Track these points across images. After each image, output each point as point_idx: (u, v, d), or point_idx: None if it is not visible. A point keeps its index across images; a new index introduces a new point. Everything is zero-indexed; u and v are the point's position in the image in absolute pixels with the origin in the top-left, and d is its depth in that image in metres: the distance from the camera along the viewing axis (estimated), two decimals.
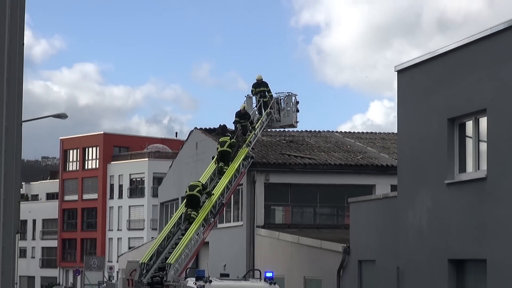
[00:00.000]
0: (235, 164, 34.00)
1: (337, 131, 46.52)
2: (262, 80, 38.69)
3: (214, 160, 34.59)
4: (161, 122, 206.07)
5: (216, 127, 41.19)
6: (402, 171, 24.30)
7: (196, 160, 42.67)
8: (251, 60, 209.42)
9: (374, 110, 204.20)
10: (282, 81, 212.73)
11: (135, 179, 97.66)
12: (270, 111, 38.26)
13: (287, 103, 39.08)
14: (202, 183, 32.47)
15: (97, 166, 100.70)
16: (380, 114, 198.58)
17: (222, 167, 33.72)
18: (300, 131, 44.10)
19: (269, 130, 40.99)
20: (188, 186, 32.15)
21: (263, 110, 38.26)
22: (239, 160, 34.25)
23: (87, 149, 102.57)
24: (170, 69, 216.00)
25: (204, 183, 32.80)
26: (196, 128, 44.15)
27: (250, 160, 35.23)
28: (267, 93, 38.55)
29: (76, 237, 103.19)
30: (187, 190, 31.98)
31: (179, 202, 41.13)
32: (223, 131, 38.11)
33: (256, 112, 38.36)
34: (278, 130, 42.33)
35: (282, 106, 38.98)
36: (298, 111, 39.22)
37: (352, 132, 47.74)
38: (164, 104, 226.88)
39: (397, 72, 24.33)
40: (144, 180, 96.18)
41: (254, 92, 38.67)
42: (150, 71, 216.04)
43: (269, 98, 38.41)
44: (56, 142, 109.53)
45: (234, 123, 36.45)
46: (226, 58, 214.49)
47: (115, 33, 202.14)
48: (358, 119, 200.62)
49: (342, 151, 40.73)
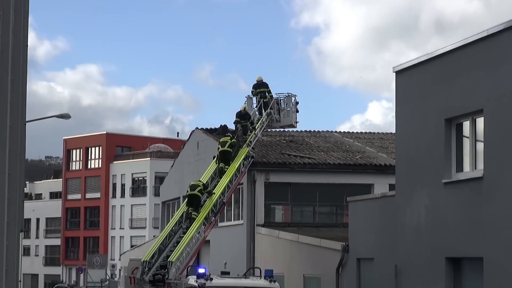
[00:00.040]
0: (236, 163, 33.96)
1: (336, 131, 46.49)
2: (262, 81, 38.64)
3: (215, 160, 34.57)
4: (163, 122, 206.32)
5: (217, 127, 41.15)
6: (400, 170, 24.30)
7: (197, 159, 42.65)
8: (252, 61, 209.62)
9: (373, 110, 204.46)
10: (282, 81, 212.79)
11: (137, 179, 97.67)
12: (270, 111, 38.22)
13: (287, 104, 39.03)
14: (203, 182, 32.43)
15: (99, 166, 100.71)
16: (379, 115, 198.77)
17: (223, 168, 33.69)
18: (299, 131, 44.07)
19: (269, 130, 40.95)
20: (189, 186, 32.12)
21: (263, 111, 38.21)
22: (240, 159, 34.22)
23: (90, 148, 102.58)
24: (172, 70, 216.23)
25: (205, 182, 32.77)
26: (197, 128, 44.14)
27: (250, 159, 35.20)
28: (267, 93, 38.49)
29: (79, 235, 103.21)
30: (188, 190, 31.95)
31: (181, 201, 41.10)
32: (224, 131, 38.07)
33: (257, 113, 38.31)
34: (278, 130, 42.29)
35: (282, 107, 38.93)
36: (297, 111, 39.20)
37: (351, 132, 47.71)
38: (166, 104, 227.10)
39: (395, 73, 24.32)
40: (146, 179, 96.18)
41: (255, 92, 38.62)
42: (152, 72, 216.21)
43: (269, 99, 38.34)
44: (59, 142, 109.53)
45: (235, 123, 36.40)
46: (227, 59, 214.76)
47: (117, 35, 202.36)
48: (356, 119, 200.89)
49: (341, 151, 40.71)
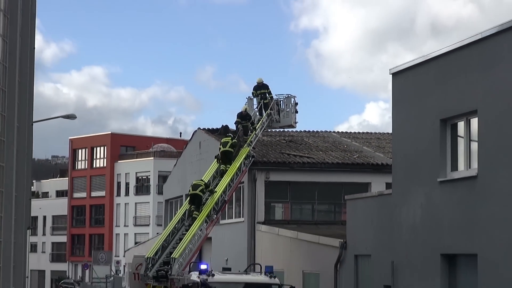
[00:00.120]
0: (237, 163, 33.94)
1: (334, 131, 46.48)
2: (262, 83, 38.62)
3: (217, 160, 34.54)
4: (166, 123, 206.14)
5: (219, 128, 41.12)
6: (397, 169, 24.29)
7: (199, 159, 42.64)
8: (252, 63, 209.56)
9: (370, 111, 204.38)
10: (282, 83, 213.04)
11: (141, 177, 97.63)
12: (270, 112, 38.20)
13: (286, 105, 39.00)
14: (205, 182, 32.40)
15: (104, 165, 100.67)
16: (376, 115, 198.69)
17: (224, 169, 33.66)
18: (299, 131, 44.07)
19: (269, 130, 40.94)
20: (191, 185, 32.07)
21: (263, 111, 38.19)
22: (241, 159, 34.20)
23: (95, 148, 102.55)
24: (175, 72, 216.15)
25: (207, 181, 32.76)
26: (199, 128, 44.14)
27: (251, 159, 35.19)
28: (267, 95, 38.45)
29: (84, 232, 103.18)
30: (190, 189, 31.92)
31: (183, 199, 41.11)
32: (225, 131, 38.06)
33: (257, 113, 38.29)
34: (278, 130, 42.28)
35: (282, 107, 38.91)
36: (297, 112, 39.17)
37: (348, 132, 47.71)
38: (169, 105, 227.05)
39: (392, 74, 24.31)
40: (149, 178, 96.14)
41: (255, 94, 38.61)
42: (156, 73, 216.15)
43: (269, 100, 38.31)
44: (65, 142, 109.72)
45: (236, 124, 36.37)
46: (228, 61, 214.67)
47: (122, 37, 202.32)
48: (354, 120, 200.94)
49: (339, 151, 40.71)
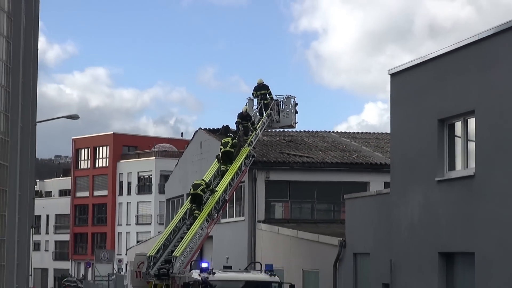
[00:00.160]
0: (237, 162, 33.93)
1: (333, 131, 46.47)
2: (263, 84, 38.59)
3: (217, 160, 34.51)
4: (167, 123, 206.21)
5: (220, 128, 41.10)
6: (395, 169, 24.28)
7: (200, 158, 42.64)
8: (253, 64, 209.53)
9: (369, 111, 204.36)
10: (282, 84, 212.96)
11: (143, 177, 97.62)
12: (270, 112, 38.17)
13: (286, 105, 38.96)
14: (206, 181, 32.39)
15: (107, 165, 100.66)
16: (374, 115, 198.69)
17: (225, 169, 33.63)
18: (298, 131, 44.04)
19: (269, 130, 40.91)
20: (192, 185, 32.04)
21: (263, 112, 38.17)
22: (241, 158, 34.19)
23: (97, 148, 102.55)
24: (177, 72, 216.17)
25: (208, 181, 32.75)
26: (200, 128, 44.14)
27: (251, 158, 35.17)
28: (267, 95, 38.41)
29: (87, 231, 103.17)
30: (191, 189, 31.90)
31: (185, 199, 41.09)
32: (226, 131, 38.03)
33: (257, 114, 38.27)
34: (278, 130, 42.25)
35: (282, 108, 38.87)
36: (296, 112, 39.13)
37: (347, 132, 47.70)
38: (170, 105, 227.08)
39: (390, 75, 24.31)
40: (151, 177, 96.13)
41: (255, 94, 38.58)
42: (158, 74, 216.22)
43: (269, 100, 38.28)
44: (68, 142, 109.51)
45: (236, 124, 36.35)
46: (229, 62, 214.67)
47: (124, 39, 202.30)
48: (353, 120, 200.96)
49: (338, 150, 40.69)
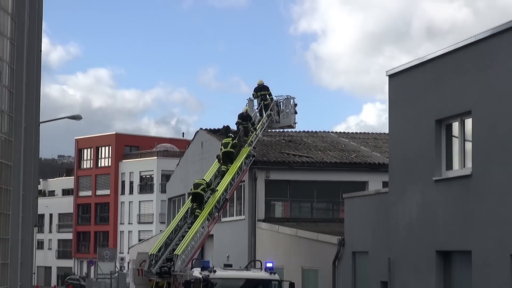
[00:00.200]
0: (238, 162, 33.91)
1: (332, 132, 46.45)
2: (263, 84, 38.57)
3: (218, 160, 34.49)
4: (169, 123, 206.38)
5: (220, 128, 41.11)
6: (393, 168, 24.29)
7: (201, 158, 42.64)
8: (253, 65, 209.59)
9: (367, 112, 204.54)
10: (282, 84, 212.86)
11: (144, 176, 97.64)
12: (270, 113, 38.16)
13: (286, 106, 38.95)
14: (206, 181, 32.38)
15: (109, 164, 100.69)
16: (373, 116, 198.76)
17: (225, 169, 33.62)
18: (298, 131, 44.03)
19: (269, 130, 40.90)
20: (193, 184, 32.02)
21: (263, 112, 38.16)
22: (242, 158, 34.18)
23: (100, 148, 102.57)
24: (178, 73, 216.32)
25: (209, 180, 32.74)
26: (201, 128, 44.13)
27: (251, 158, 35.16)
28: (267, 96, 38.40)
29: (90, 230, 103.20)
30: (192, 188, 31.89)
31: (186, 198, 41.08)
32: (227, 131, 38.02)
33: (257, 114, 38.26)
34: (277, 130, 42.24)
35: (281, 108, 38.86)
36: (296, 112, 39.10)
37: (346, 132, 47.67)
38: (172, 106, 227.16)
39: (388, 76, 24.32)
40: (153, 177, 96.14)
41: (256, 95, 38.59)
42: (159, 75, 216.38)
43: (269, 101, 38.28)
44: (71, 142, 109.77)
45: (237, 124, 36.33)
46: (229, 63, 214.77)
47: (126, 41, 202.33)
48: (352, 120, 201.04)
49: (337, 150, 40.69)
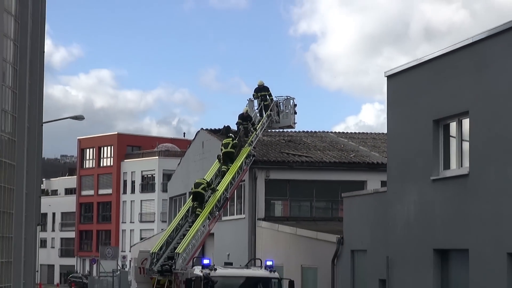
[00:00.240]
0: (238, 162, 33.91)
1: (331, 132, 46.44)
2: (263, 85, 38.55)
3: (218, 160, 34.48)
4: (170, 123, 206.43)
5: (221, 128, 41.12)
6: (391, 168, 24.28)
7: (202, 158, 42.64)
8: (253, 66, 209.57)
9: (366, 112, 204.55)
10: (281, 85, 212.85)
11: (146, 176, 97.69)
12: (270, 113, 38.14)
13: (285, 106, 38.94)
14: (207, 180, 32.38)
15: (111, 164, 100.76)
16: (371, 116, 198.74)
17: (225, 169, 33.62)
18: (297, 131, 44.02)
19: (269, 130, 40.89)
20: (194, 184, 32.02)
21: (263, 112, 38.16)
22: (242, 158, 34.18)
23: (102, 148, 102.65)
24: (179, 74, 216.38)
25: (209, 180, 32.74)
26: (202, 128, 44.13)
27: (252, 158, 35.16)
28: (268, 96, 38.38)
29: (92, 229, 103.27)
30: (193, 188, 31.89)
31: (187, 197, 41.08)
32: (227, 131, 38.02)
33: (258, 114, 38.26)
34: (277, 130, 42.23)
35: (281, 109, 38.85)
36: (296, 113, 39.09)
37: (345, 132, 47.66)
38: (173, 106, 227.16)
39: (387, 77, 24.31)
40: (154, 176, 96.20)
41: (256, 96, 38.59)
42: (161, 76, 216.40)
43: (269, 101, 38.27)
44: (74, 142, 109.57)
45: (237, 125, 36.32)
46: (230, 64, 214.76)
47: (128, 42, 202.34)
48: (351, 121, 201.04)
49: (336, 150, 40.69)
